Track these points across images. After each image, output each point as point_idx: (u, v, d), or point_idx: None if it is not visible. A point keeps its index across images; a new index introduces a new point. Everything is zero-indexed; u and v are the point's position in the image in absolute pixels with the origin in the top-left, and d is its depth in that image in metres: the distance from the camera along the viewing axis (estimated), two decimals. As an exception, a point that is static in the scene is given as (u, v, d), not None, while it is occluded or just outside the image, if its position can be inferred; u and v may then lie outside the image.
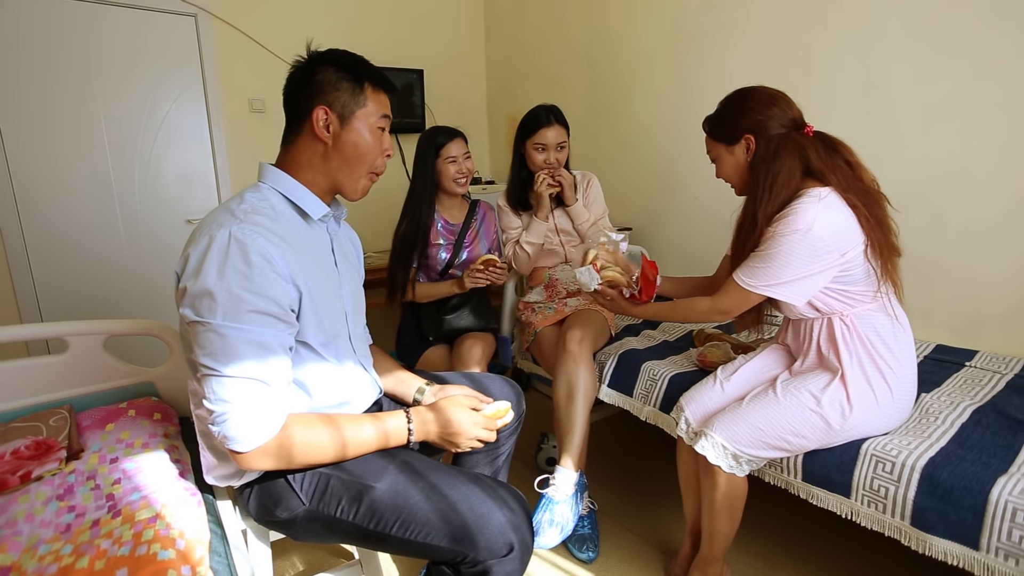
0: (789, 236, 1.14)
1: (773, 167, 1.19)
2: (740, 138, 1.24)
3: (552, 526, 1.42)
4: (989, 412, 1.26)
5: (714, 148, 1.31)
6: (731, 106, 1.27)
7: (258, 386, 0.84)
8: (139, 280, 2.64)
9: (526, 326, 1.91)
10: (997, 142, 1.62)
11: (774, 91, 1.25)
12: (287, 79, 1.00)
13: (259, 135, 2.83)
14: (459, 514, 0.90)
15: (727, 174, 1.31)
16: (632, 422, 1.92)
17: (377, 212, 2.86)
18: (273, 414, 0.86)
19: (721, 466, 1.21)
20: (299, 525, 0.99)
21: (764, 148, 1.21)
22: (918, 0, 1.71)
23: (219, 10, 2.65)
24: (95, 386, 1.34)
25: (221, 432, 0.84)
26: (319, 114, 0.96)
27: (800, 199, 1.16)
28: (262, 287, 0.84)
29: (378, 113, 1.00)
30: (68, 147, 2.41)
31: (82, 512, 0.94)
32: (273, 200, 0.97)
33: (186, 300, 0.84)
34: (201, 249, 0.84)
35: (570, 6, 2.93)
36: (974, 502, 0.98)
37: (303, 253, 0.94)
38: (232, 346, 0.82)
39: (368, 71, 1.00)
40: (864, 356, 1.20)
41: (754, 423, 1.19)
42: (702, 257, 2.52)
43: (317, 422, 0.93)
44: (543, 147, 1.83)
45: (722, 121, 1.28)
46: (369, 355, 1.20)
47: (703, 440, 1.23)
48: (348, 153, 0.99)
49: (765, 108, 1.22)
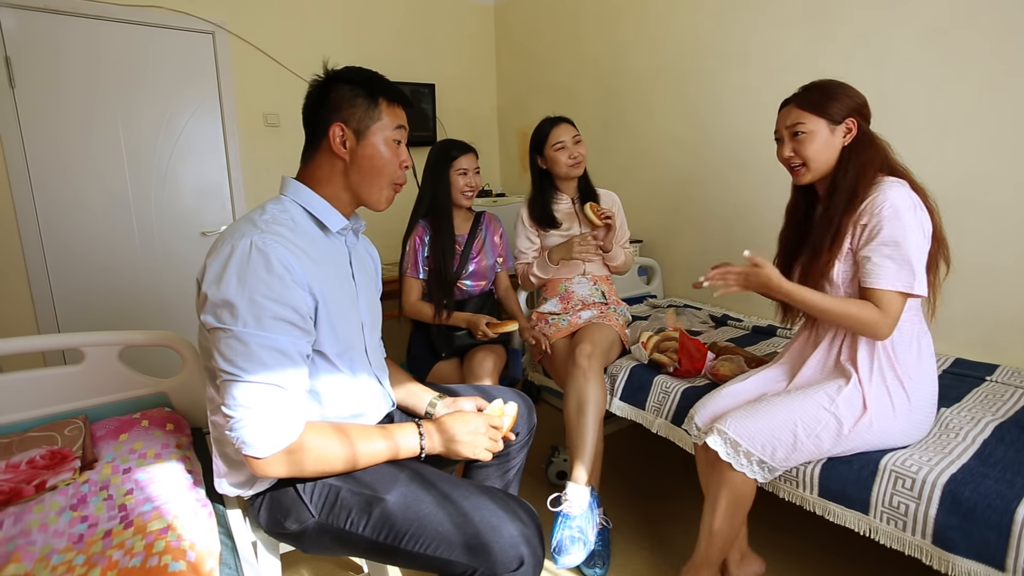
0: (900, 217, 1.11)
1: (869, 153, 1.19)
2: (843, 120, 1.20)
3: (575, 543, 1.40)
4: (1012, 428, 1.23)
5: (810, 121, 1.22)
6: (836, 87, 1.22)
7: (277, 392, 0.85)
8: (154, 291, 2.67)
9: (539, 336, 1.90)
10: (1014, 155, 1.59)
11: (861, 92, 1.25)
12: (306, 97, 1.03)
13: (273, 149, 2.88)
14: (471, 526, 0.89)
15: (814, 152, 1.22)
16: (645, 435, 1.89)
17: (392, 227, 2.88)
18: (291, 420, 0.87)
19: (732, 464, 1.19)
20: (309, 537, 0.99)
21: (862, 135, 1.21)
22: (927, 15, 1.71)
23: (236, 27, 2.71)
24: (110, 396, 1.36)
25: (238, 437, 0.84)
26: (335, 131, 0.98)
27: (878, 186, 1.15)
28: (282, 295, 0.86)
29: (392, 125, 1.02)
30: (87, 161, 2.47)
31: (95, 522, 0.94)
32: (294, 212, 0.99)
33: (207, 307, 0.85)
34: (223, 258, 0.86)
35: (582, 20, 2.96)
36: (999, 521, 0.96)
37: (321, 264, 0.95)
38: (252, 352, 0.84)
39: (382, 86, 1.02)
40: (887, 367, 1.19)
41: (766, 420, 1.18)
42: (714, 269, 2.50)
43: (331, 432, 0.94)
44: (562, 145, 1.84)
45: (830, 97, 1.21)
46: (384, 368, 1.20)
47: (714, 435, 1.21)
48: (366, 167, 1.01)
49: (863, 100, 1.22)
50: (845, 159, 1.21)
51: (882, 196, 1.14)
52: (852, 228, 1.19)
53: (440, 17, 3.38)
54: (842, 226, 1.19)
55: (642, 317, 2.19)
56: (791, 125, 1.25)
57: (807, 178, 1.26)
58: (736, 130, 2.32)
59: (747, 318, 2.23)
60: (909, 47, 1.76)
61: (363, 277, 1.12)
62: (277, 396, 0.85)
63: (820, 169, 1.24)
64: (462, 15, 3.48)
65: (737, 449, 1.18)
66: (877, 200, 1.14)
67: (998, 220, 1.64)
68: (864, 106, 1.22)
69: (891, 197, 1.13)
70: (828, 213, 1.22)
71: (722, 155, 2.39)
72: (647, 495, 1.90)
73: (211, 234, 2.78)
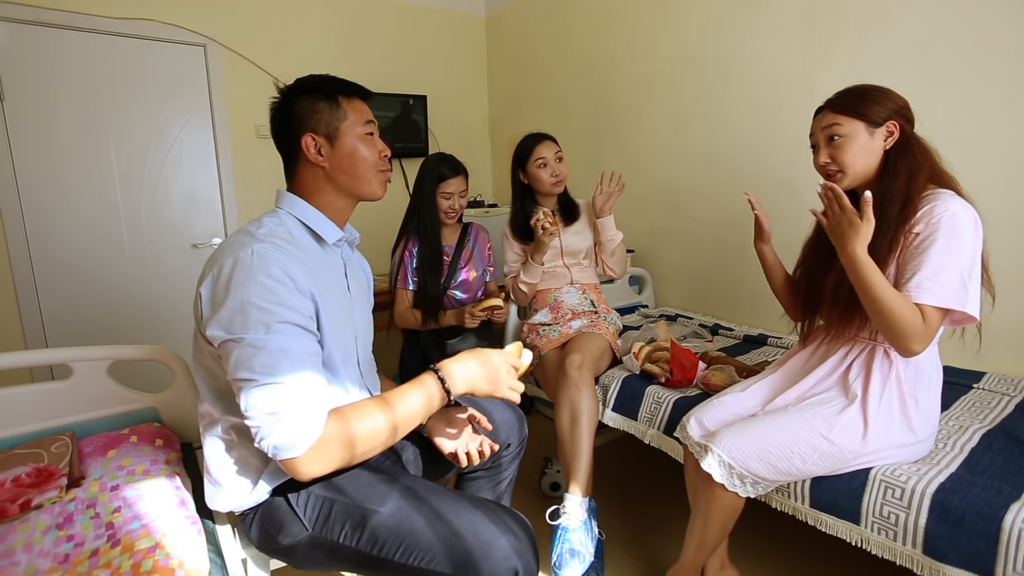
0: (960, 230, 1.04)
1: (918, 157, 1.13)
2: (883, 122, 1.14)
3: (574, 557, 1.39)
4: (999, 436, 1.24)
5: (847, 124, 1.15)
6: (874, 90, 1.16)
7: (303, 390, 0.85)
8: (144, 304, 2.65)
9: (531, 349, 1.90)
10: (994, 166, 1.63)
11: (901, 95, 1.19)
12: (270, 120, 1.04)
13: (265, 159, 2.87)
14: (462, 540, 0.89)
15: (852, 157, 1.15)
16: (637, 446, 1.89)
17: (384, 237, 2.88)
18: (319, 415, 0.86)
19: (724, 485, 1.19)
20: (301, 551, 0.98)
21: (906, 138, 1.14)
22: (913, 28, 1.75)
23: (227, 40, 2.72)
24: (98, 412, 1.34)
25: (272, 443, 0.82)
26: (307, 142, 0.99)
27: (936, 196, 1.09)
28: (287, 300, 0.87)
29: (360, 122, 1.02)
30: (77, 173, 2.45)
31: (81, 542, 0.93)
32: (290, 225, 1.00)
33: (215, 322, 0.85)
34: (227, 270, 0.86)
35: (573, 31, 2.99)
36: (987, 529, 0.96)
37: (319, 275, 0.96)
38: (269, 356, 0.83)
39: (336, 84, 1.02)
40: (895, 395, 1.15)
41: (763, 444, 1.16)
42: (705, 279, 2.52)
43: (368, 403, 0.91)
44: (544, 161, 1.87)
45: (867, 99, 1.15)
46: (377, 381, 1.20)
47: (709, 456, 1.20)
48: (347, 167, 1.02)
49: (904, 102, 1.16)
50: (892, 162, 1.15)
51: (943, 205, 1.07)
52: (906, 237, 1.12)
53: (431, 28, 3.40)
54: (898, 234, 1.11)
55: (634, 327, 2.19)
56: (827, 127, 1.18)
57: (844, 184, 1.18)
58: (726, 140, 2.35)
59: (738, 327, 2.24)
60: (895, 60, 1.80)
61: (357, 289, 1.13)
62: (304, 394, 0.84)
63: (859, 175, 1.17)
64: (453, 26, 3.51)
65: (731, 472, 1.18)
66: (937, 208, 1.07)
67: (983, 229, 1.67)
68: (905, 108, 1.16)
69: (953, 207, 1.06)
70: (881, 221, 1.11)
71: (712, 165, 2.41)
72: (640, 505, 1.90)
73: (202, 246, 2.77)
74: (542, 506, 1.56)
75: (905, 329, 1.04)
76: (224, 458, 0.97)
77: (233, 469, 0.97)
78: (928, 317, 1.04)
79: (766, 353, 1.93)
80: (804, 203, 2.08)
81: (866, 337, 1.21)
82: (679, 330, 2.19)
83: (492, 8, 3.56)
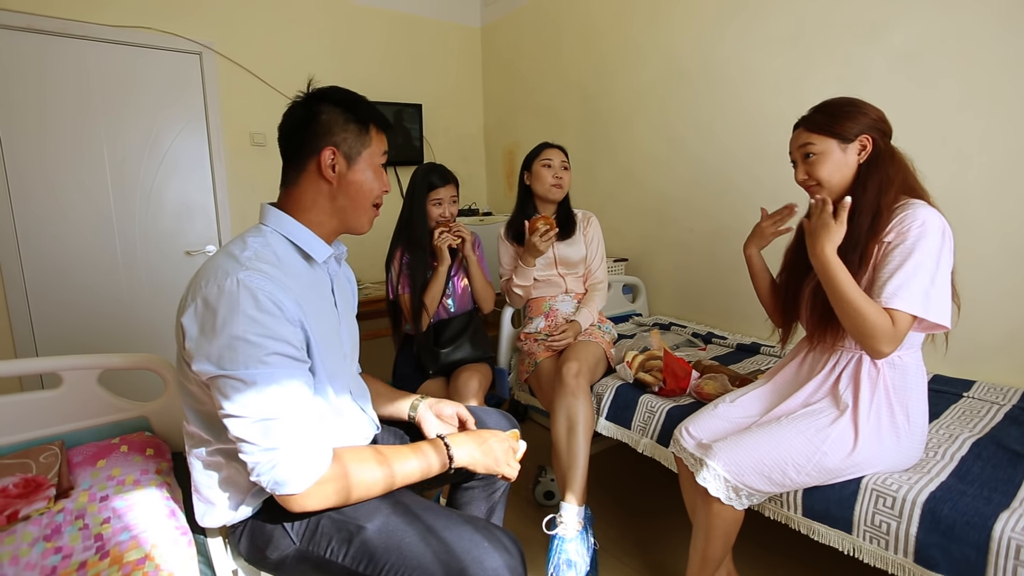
0: (928, 238, 1.07)
1: (889, 171, 1.15)
2: (856, 137, 1.17)
3: (571, 568, 1.39)
4: (989, 444, 1.25)
5: (820, 143, 1.19)
6: (846, 105, 1.19)
7: (300, 424, 0.84)
8: (137, 312, 2.64)
9: (526, 356, 1.91)
10: (983, 177, 1.65)
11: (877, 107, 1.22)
12: (286, 116, 1.00)
13: (260, 168, 2.88)
14: (454, 557, 0.87)
15: (827, 173, 1.19)
16: (631, 455, 1.89)
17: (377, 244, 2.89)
18: (319, 449, 0.86)
19: (720, 498, 1.19)
20: (289, 566, 0.97)
21: (879, 151, 1.17)
22: (902, 38, 1.77)
23: (223, 48, 2.72)
24: (88, 421, 1.33)
25: (272, 479, 0.82)
26: (327, 155, 0.96)
27: (908, 205, 1.12)
28: (276, 331, 0.84)
29: (380, 152, 1.02)
30: (70, 180, 2.44)
31: (69, 554, 0.92)
32: (276, 246, 0.95)
33: (203, 357, 0.82)
34: (212, 301, 0.83)
35: (567, 41, 3.02)
36: (977, 538, 0.97)
37: (307, 298, 0.93)
38: (262, 391, 0.82)
39: (371, 113, 1.01)
40: (883, 402, 1.17)
41: (758, 456, 1.17)
42: (697, 288, 2.53)
43: (367, 454, 0.93)
44: (549, 163, 1.92)
45: (838, 116, 1.18)
46: (365, 392, 1.19)
47: (704, 471, 1.21)
48: (353, 193, 1.00)
49: (879, 115, 1.19)
50: (863, 176, 1.18)
51: (914, 214, 1.10)
52: (877, 247, 1.15)
53: (426, 38, 3.43)
54: (869, 246, 1.15)
55: (628, 336, 2.20)
56: (801, 146, 1.23)
57: (832, 197, 1.21)
58: (717, 151, 2.37)
59: (731, 336, 2.25)
60: (883, 71, 1.82)
61: (344, 304, 1.11)
62: (301, 428, 0.84)
63: (836, 189, 1.21)
64: (449, 36, 3.53)
65: (727, 485, 1.19)
66: (908, 217, 1.10)
67: (972, 240, 1.68)
68: (880, 121, 1.18)
69: (922, 216, 1.09)
70: (852, 233, 1.16)
71: (704, 175, 2.43)
72: (633, 515, 1.90)
73: (196, 254, 2.76)
74: (536, 515, 1.56)
75: (873, 330, 1.08)
76: (212, 477, 0.96)
77: (222, 488, 0.96)
78: (897, 321, 1.08)
79: (759, 362, 1.94)
80: (798, 213, 2.10)
81: (852, 347, 1.22)
82: (672, 339, 2.20)
83: (487, 19, 3.59)
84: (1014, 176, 1.60)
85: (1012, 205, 1.61)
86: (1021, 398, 1.50)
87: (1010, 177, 1.61)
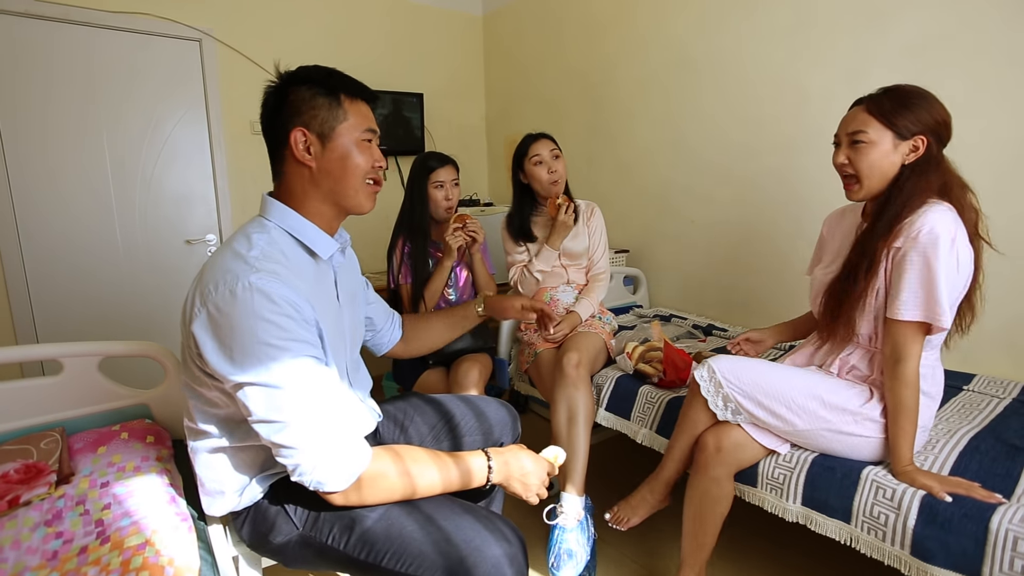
0: (937, 246, 1.04)
1: (931, 179, 1.10)
2: (912, 136, 1.11)
3: (571, 558, 1.40)
4: (987, 438, 1.25)
5: (875, 131, 1.12)
6: (914, 98, 1.11)
7: (333, 421, 0.84)
8: (137, 299, 2.64)
9: (526, 346, 1.91)
10: (990, 168, 1.63)
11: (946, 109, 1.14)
12: (262, 105, 0.96)
13: (260, 156, 2.80)
14: (454, 547, 0.87)
15: (869, 164, 1.13)
16: (630, 446, 1.90)
17: (378, 233, 2.88)
18: (354, 446, 0.86)
19: (708, 400, 1.22)
20: (291, 550, 0.98)
21: (929, 156, 1.11)
22: (910, 29, 1.75)
23: (223, 35, 2.70)
24: (89, 408, 1.33)
25: (314, 480, 0.83)
26: (296, 136, 0.91)
27: (927, 206, 1.08)
28: (298, 333, 0.83)
29: (361, 127, 0.94)
30: (70, 167, 2.44)
31: (70, 538, 0.92)
32: (281, 242, 0.92)
33: (226, 366, 0.81)
34: (225, 308, 0.80)
35: (569, 30, 3.00)
36: (975, 531, 0.97)
37: (315, 296, 0.91)
38: (294, 395, 0.81)
39: (342, 82, 0.94)
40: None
41: (758, 378, 1.18)
42: (698, 281, 2.53)
43: (409, 454, 0.93)
44: (540, 159, 1.87)
45: (903, 109, 1.10)
46: (366, 381, 1.18)
47: (703, 368, 1.22)
48: (337, 173, 0.93)
49: (944, 117, 1.12)
50: (902, 179, 1.11)
51: (922, 220, 1.06)
52: (887, 253, 1.12)
53: (428, 27, 3.39)
54: (877, 252, 1.12)
55: (628, 327, 2.20)
56: (852, 132, 1.15)
57: (859, 195, 1.17)
58: (719, 142, 2.35)
59: (732, 328, 2.25)
60: (886, 63, 1.80)
61: (346, 295, 1.09)
62: (336, 425, 0.84)
63: (874, 186, 1.15)
64: (450, 25, 3.50)
65: (719, 389, 1.20)
66: (916, 223, 1.07)
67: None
68: (942, 125, 1.11)
69: (931, 222, 1.05)
70: (865, 237, 1.13)
71: (706, 166, 2.42)
72: (633, 505, 1.90)
73: (196, 242, 2.76)
74: (536, 506, 1.56)
75: (909, 393, 1.09)
76: (216, 471, 0.96)
77: (227, 479, 0.96)
78: (908, 334, 1.09)
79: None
80: (800, 204, 2.09)
81: (865, 344, 1.22)
82: (673, 330, 2.20)
83: (489, 7, 3.56)
84: (1017, 170, 1.59)
85: (1015, 199, 1.60)
86: (1021, 391, 1.50)
87: (1013, 171, 1.60)
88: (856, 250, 1.17)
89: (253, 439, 0.92)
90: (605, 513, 1.48)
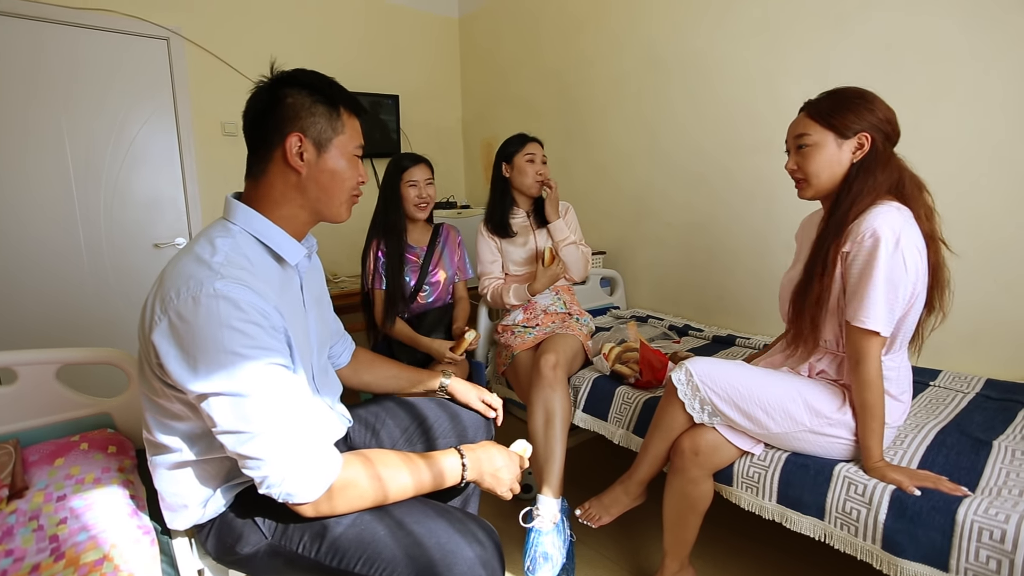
0: (879, 249, 1.05)
1: (878, 177, 1.11)
2: (855, 135, 1.12)
3: (547, 561, 1.39)
4: (953, 432, 1.28)
5: (817, 133, 1.14)
6: (853, 99, 1.13)
7: (302, 431, 0.82)
8: (103, 306, 2.55)
9: (504, 349, 1.89)
10: (951, 170, 1.68)
11: (889, 106, 1.16)
12: (250, 102, 0.93)
13: (232, 158, 2.80)
14: (426, 551, 0.86)
15: (817, 167, 1.15)
16: (607, 448, 1.90)
17: (352, 236, 2.84)
18: (327, 452, 0.84)
19: (685, 403, 1.22)
20: (260, 561, 0.94)
21: (875, 153, 1.12)
22: (870, 37, 1.80)
23: (192, 34, 2.64)
24: (46, 418, 1.28)
25: (283, 492, 0.80)
26: (293, 142, 0.89)
27: (876, 207, 1.09)
28: (264, 341, 0.80)
29: (354, 142, 0.96)
30: (28, 170, 2.34)
31: (21, 556, 0.88)
32: (246, 247, 0.89)
33: (190, 377, 0.78)
34: (188, 316, 0.77)
35: (545, 32, 3.00)
36: (943, 523, 0.99)
37: (282, 302, 0.89)
38: (261, 405, 0.78)
39: (342, 95, 0.95)
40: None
41: (735, 381, 1.18)
42: (674, 282, 2.55)
43: (383, 459, 0.92)
44: (532, 158, 1.90)
45: (842, 110, 1.13)
46: (335, 387, 1.15)
47: (679, 371, 1.22)
48: (325, 183, 0.93)
49: (888, 115, 1.13)
50: (851, 177, 1.13)
51: (867, 223, 1.07)
52: (840, 257, 1.13)
53: (404, 28, 3.37)
54: (829, 255, 1.13)
55: (605, 328, 2.20)
56: (797, 136, 1.18)
57: (808, 194, 1.19)
58: (693, 144, 2.38)
59: (707, 328, 2.27)
60: (852, 63, 1.85)
61: (312, 299, 1.06)
62: (304, 435, 0.81)
63: (823, 187, 1.17)
64: (426, 26, 3.48)
65: (696, 393, 1.21)
66: (862, 227, 1.08)
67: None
68: (886, 121, 1.13)
69: (875, 226, 1.06)
70: (820, 238, 1.15)
71: (681, 167, 2.44)
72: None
73: (165, 246, 2.68)
74: (512, 508, 1.55)
75: (875, 395, 1.11)
76: (178, 485, 0.92)
77: (189, 492, 0.92)
78: (863, 339, 1.10)
79: (734, 354, 1.96)
80: (770, 205, 2.12)
81: (832, 349, 1.24)
82: (649, 331, 2.21)
83: (465, 9, 3.55)
84: (985, 168, 1.64)
85: (983, 197, 1.65)
86: (984, 386, 1.54)
87: (981, 169, 1.64)
88: (812, 253, 1.18)
89: (217, 451, 0.89)
90: (576, 509, 1.48)
